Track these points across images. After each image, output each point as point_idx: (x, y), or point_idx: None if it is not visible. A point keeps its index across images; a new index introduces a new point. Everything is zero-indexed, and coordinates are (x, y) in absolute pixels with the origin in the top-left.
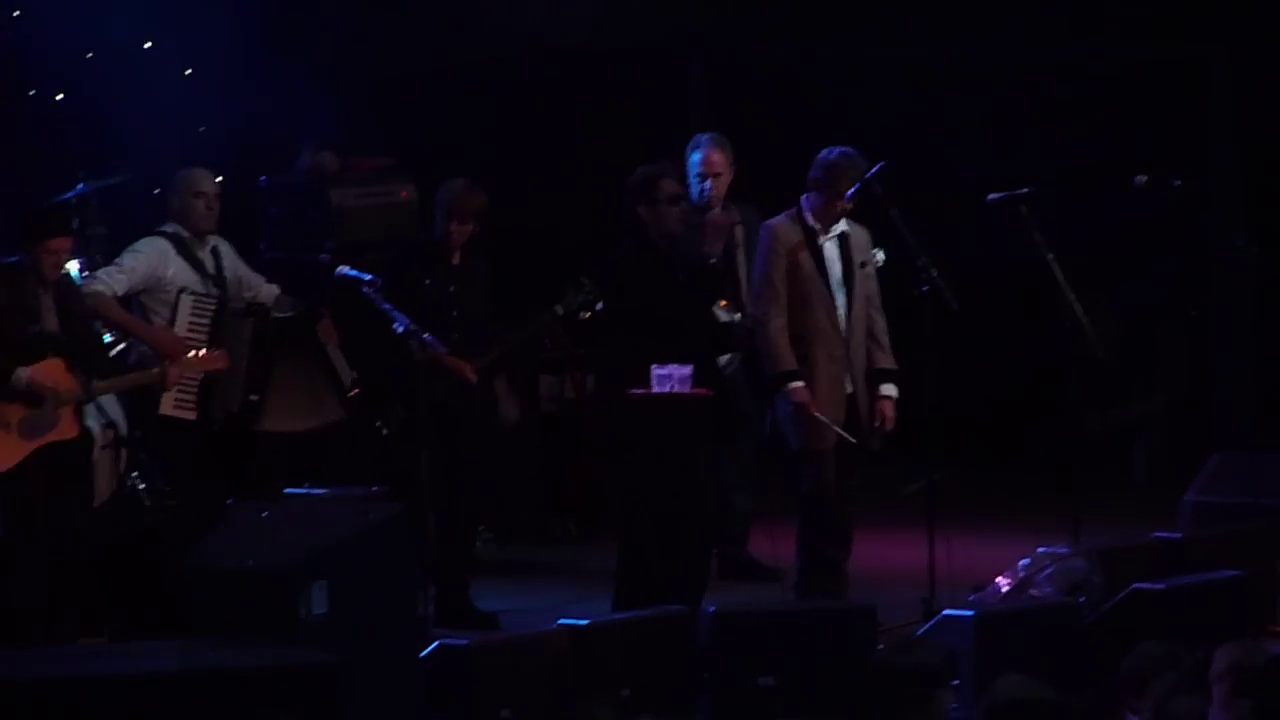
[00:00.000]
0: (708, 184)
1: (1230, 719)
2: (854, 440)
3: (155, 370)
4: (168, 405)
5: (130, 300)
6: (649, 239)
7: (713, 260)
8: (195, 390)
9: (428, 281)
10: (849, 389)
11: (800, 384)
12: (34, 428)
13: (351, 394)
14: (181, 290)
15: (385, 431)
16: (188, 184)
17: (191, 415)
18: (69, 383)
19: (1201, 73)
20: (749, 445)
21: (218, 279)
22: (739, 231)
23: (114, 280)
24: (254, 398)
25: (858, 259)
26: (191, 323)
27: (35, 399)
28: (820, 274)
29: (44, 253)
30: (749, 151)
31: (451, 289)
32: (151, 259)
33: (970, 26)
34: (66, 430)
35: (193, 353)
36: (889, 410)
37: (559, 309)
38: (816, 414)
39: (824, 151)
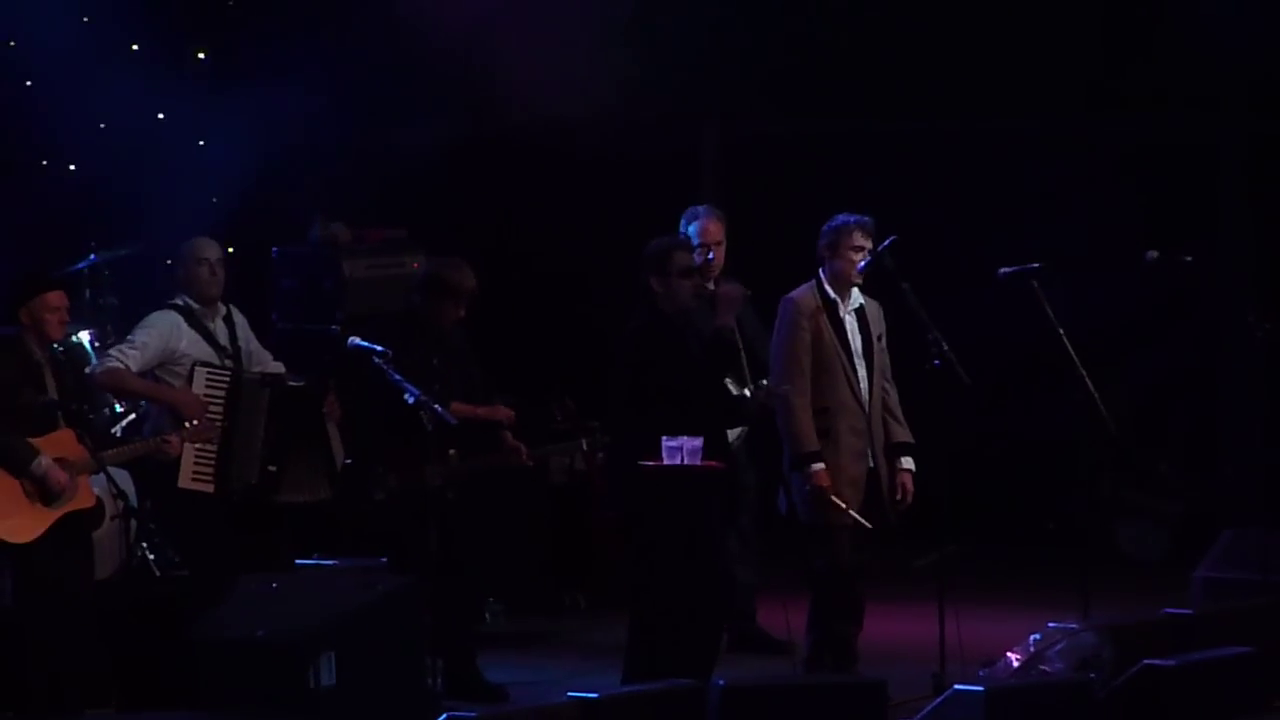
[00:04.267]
0: (710, 254)
1: None
2: (869, 526)
3: (158, 439)
4: (186, 479)
5: (145, 375)
6: (662, 311)
7: (726, 333)
8: (213, 463)
9: (435, 360)
10: (870, 463)
11: (822, 466)
12: (55, 497)
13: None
14: (195, 363)
15: (379, 498)
16: (192, 252)
17: (209, 488)
18: (81, 452)
19: (1213, 150)
20: (749, 517)
21: (231, 350)
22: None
23: (128, 357)
24: (272, 468)
25: (875, 331)
26: (207, 394)
27: (50, 489)
28: (842, 346)
29: (45, 310)
30: (761, 224)
31: (449, 364)
32: (164, 333)
33: (982, 102)
34: (84, 500)
35: (189, 423)
36: (909, 484)
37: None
38: (835, 499)
39: (827, 222)
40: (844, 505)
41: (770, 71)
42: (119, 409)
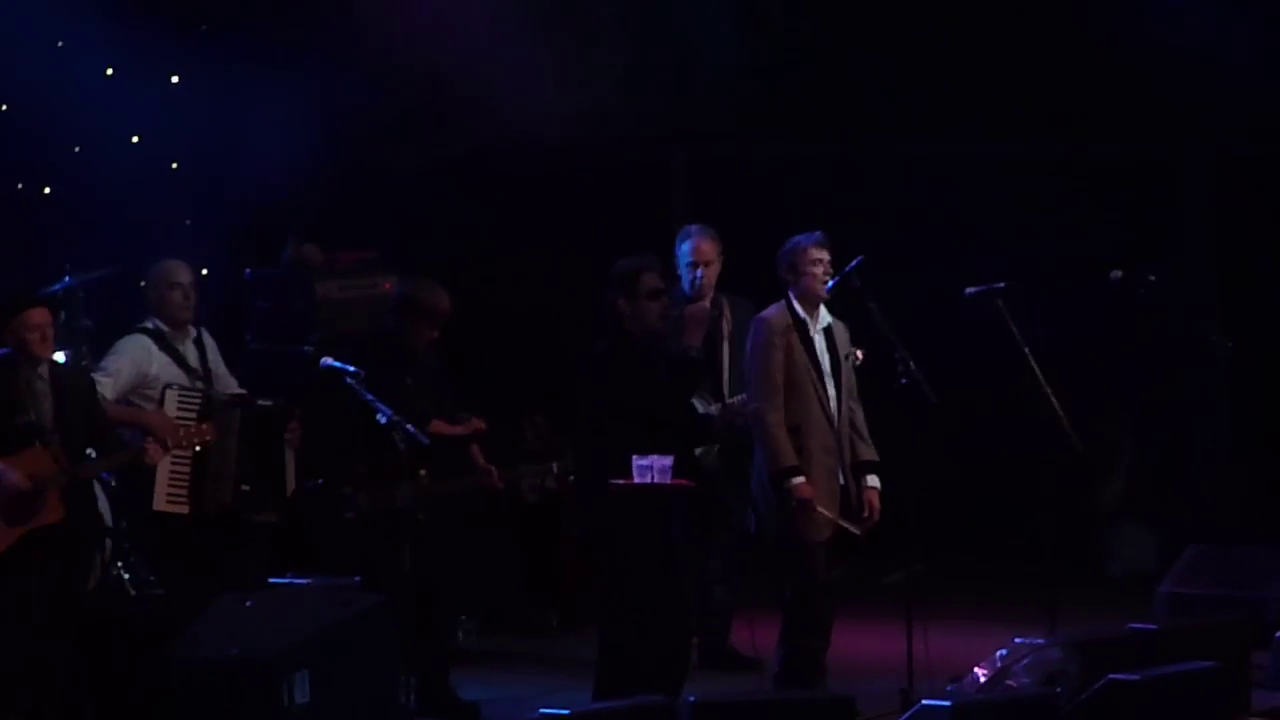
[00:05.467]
0: (699, 272)
1: None
2: (857, 531)
3: (138, 448)
4: (161, 501)
5: (120, 400)
6: (629, 331)
7: (693, 352)
8: (187, 484)
9: (408, 381)
10: (840, 480)
11: (803, 479)
12: (18, 515)
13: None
14: (167, 386)
15: (351, 517)
16: (163, 276)
17: (184, 509)
18: (49, 468)
19: (1176, 174)
20: (732, 536)
21: (202, 372)
22: (725, 324)
23: (103, 385)
24: (245, 488)
25: (842, 352)
26: (179, 416)
27: (21, 495)
28: (813, 364)
29: (26, 329)
30: (727, 245)
31: (422, 384)
32: (135, 357)
33: (946, 124)
34: (51, 515)
35: (181, 430)
36: (875, 501)
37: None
38: (820, 509)
39: (783, 246)
40: (829, 515)
41: (738, 96)
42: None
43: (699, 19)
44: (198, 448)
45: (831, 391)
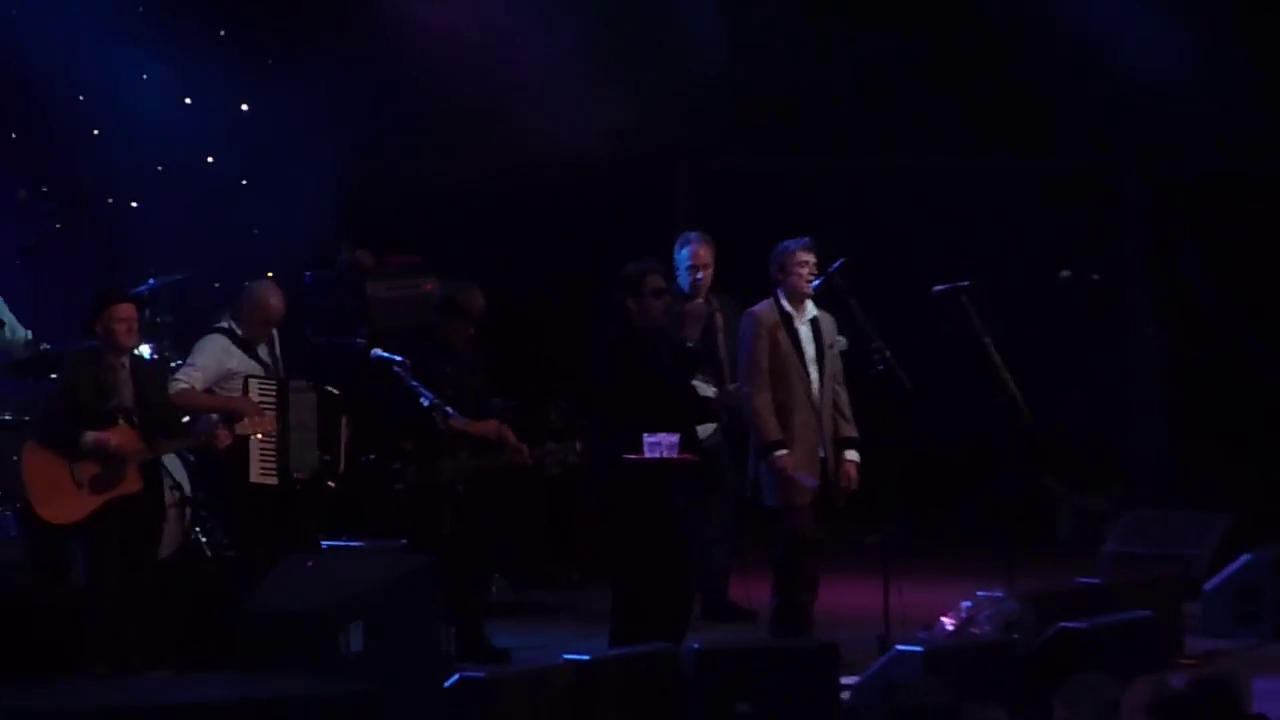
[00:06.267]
0: (699, 275)
1: None
2: (835, 496)
3: (210, 432)
4: (255, 474)
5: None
6: (635, 326)
7: (690, 344)
8: (275, 459)
9: (448, 369)
10: (821, 454)
11: (785, 452)
12: (103, 484)
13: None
14: (248, 376)
15: (399, 489)
16: (264, 299)
17: (274, 480)
18: (134, 443)
19: (1118, 187)
20: (728, 503)
21: (273, 364)
22: (718, 318)
23: (193, 377)
24: (327, 458)
25: (827, 341)
26: (260, 401)
27: (101, 455)
28: (797, 352)
29: (114, 321)
30: (729, 250)
31: (459, 373)
32: (217, 355)
33: (921, 143)
34: (131, 486)
35: (245, 419)
36: (852, 472)
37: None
38: (796, 475)
39: (775, 249)
40: (805, 478)
41: (737, 117)
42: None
43: (699, 56)
44: (259, 436)
45: (815, 376)
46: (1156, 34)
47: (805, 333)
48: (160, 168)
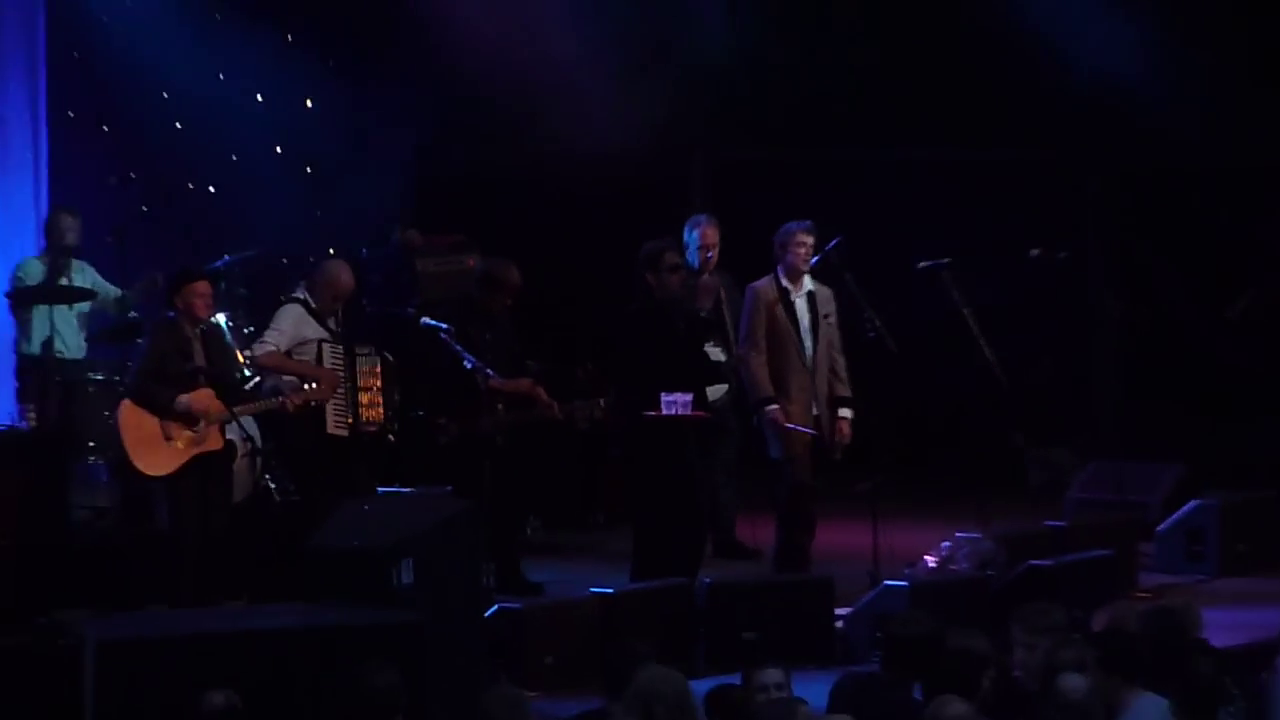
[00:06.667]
0: (709, 254)
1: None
2: (822, 436)
3: (278, 399)
4: (330, 426)
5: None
6: (655, 298)
7: (703, 313)
8: (346, 414)
9: (488, 336)
10: (815, 411)
11: (775, 406)
12: (191, 441)
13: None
14: (321, 341)
15: (445, 442)
16: (336, 275)
17: (345, 433)
18: (217, 406)
19: (1081, 172)
20: (732, 454)
21: (340, 333)
22: (723, 292)
23: (277, 341)
24: (389, 414)
25: (822, 312)
26: (331, 364)
27: (192, 419)
28: (792, 323)
29: (193, 296)
30: (740, 233)
31: (497, 339)
32: (295, 322)
33: (909, 137)
34: (214, 443)
35: (307, 386)
36: (846, 428)
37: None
38: (788, 425)
39: (779, 229)
40: (797, 427)
41: (745, 113)
42: (247, 374)
43: (713, 59)
44: (312, 401)
45: (809, 344)
46: (1115, 36)
47: (801, 305)
48: (234, 157)
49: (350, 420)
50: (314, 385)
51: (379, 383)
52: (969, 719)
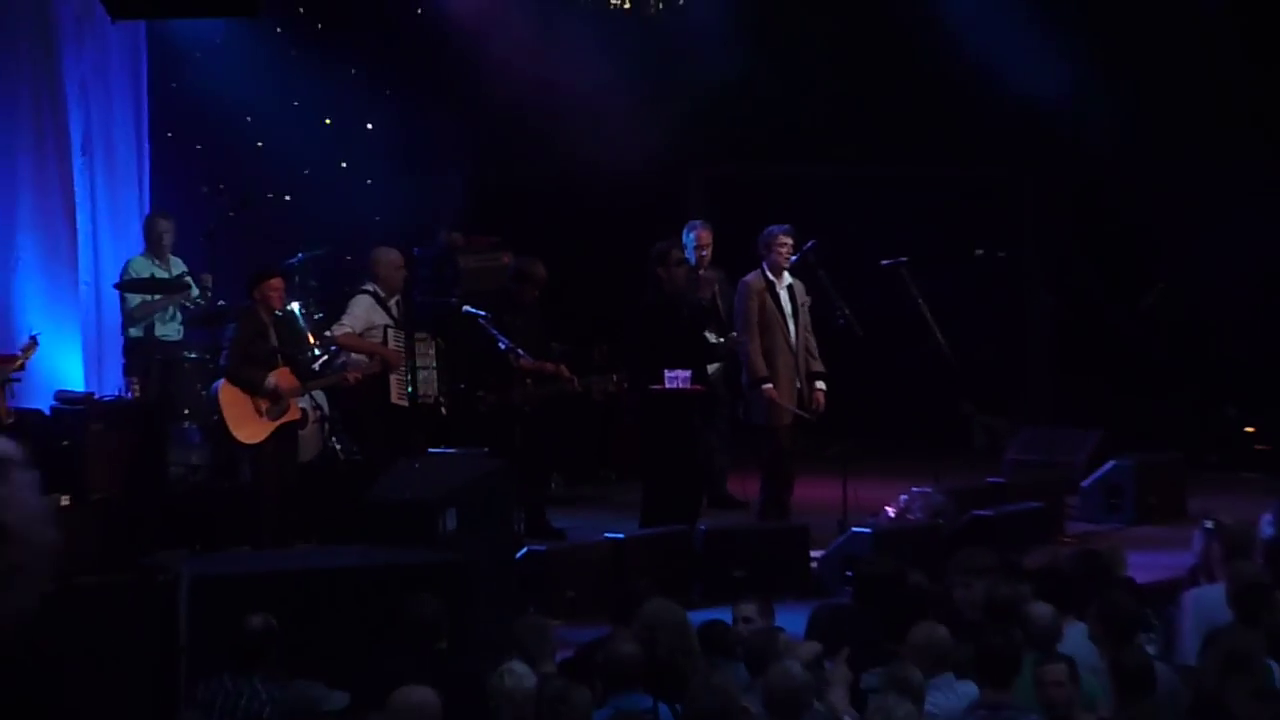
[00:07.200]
0: (704, 252)
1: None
2: (807, 415)
3: (341, 374)
4: (394, 397)
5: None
6: (663, 289)
7: (704, 303)
8: (407, 387)
9: (519, 322)
10: (797, 385)
11: (770, 385)
12: (276, 413)
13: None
14: (386, 327)
15: (482, 410)
16: (394, 260)
17: (405, 403)
18: (294, 383)
19: (1018, 184)
20: (725, 421)
21: (402, 320)
22: (717, 285)
23: (353, 325)
24: (441, 387)
25: (801, 301)
26: (394, 345)
27: (277, 395)
28: (778, 310)
29: (269, 290)
30: (733, 238)
31: (527, 325)
32: (366, 309)
33: (872, 156)
34: (293, 414)
35: (367, 362)
36: (821, 399)
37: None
38: (781, 403)
39: (763, 231)
40: (789, 408)
41: (734, 136)
42: (317, 353)
43: (707, 91)
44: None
45: (792, 328)
46: (1044, 69)
47: (784, 295)
48: (306, 171)
49: (409, 392)
50: (371, 360)
51: (433, 362)
52: (947, 641)
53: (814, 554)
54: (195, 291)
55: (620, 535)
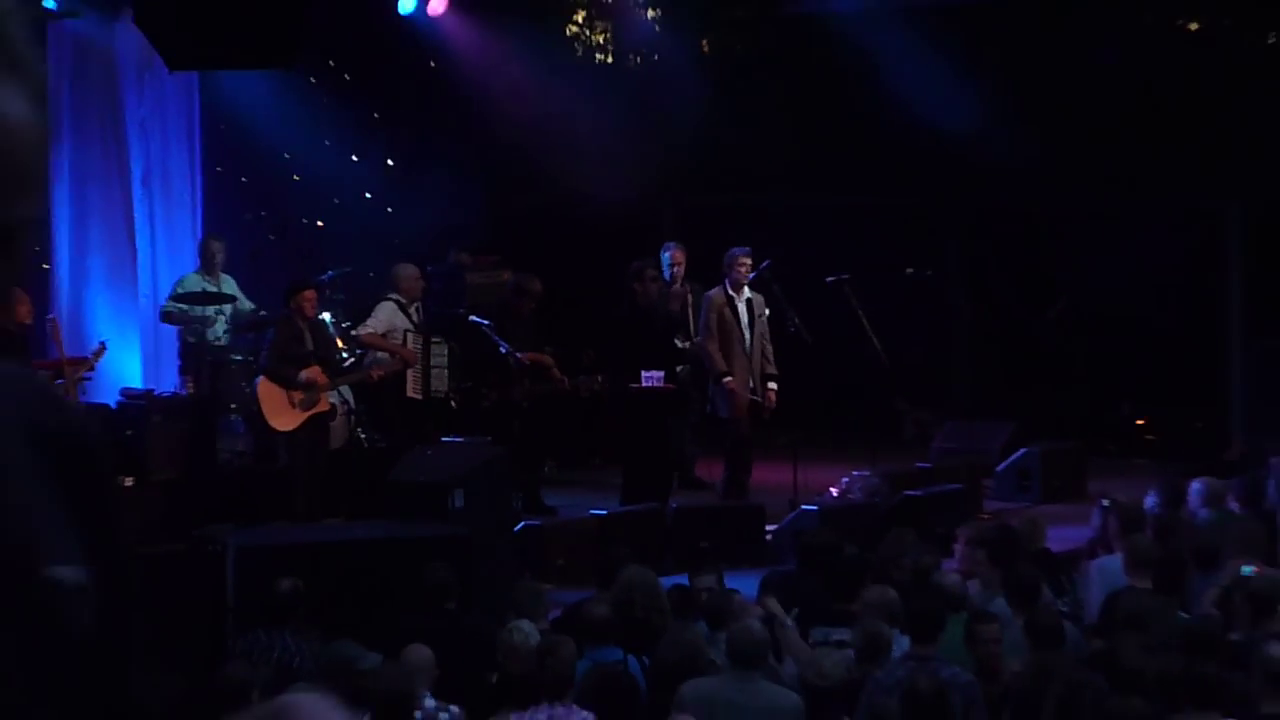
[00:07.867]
0: (678, 269)
1: (968, 565)
2: (762, 400)
3: (365, 371)
4: (410, 391)
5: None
6: (638, 302)
7: (674, 314)
8: (423, 383)
9: (518, 330)
10: (751, 385)
11: (731, 378)
12: (307, 404)
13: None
14: (406, 330)
15: (485, 406)
16: (413, 273)
17: (420, 397)
18: (324, 378)
19: (944, 211)
20: (695, 415)
21: (420, 324)
22: (689, 298)
23: (376, 327)
24: (452, 385)
25: (758, 312)
26: (412, 347)
27: (309, 388)
28: (736, 320)
29: (303, 300)
30: (703, 258)
31: (525, 333)
32: (390, 314)
33: (818, 187)
34: (323, 406)
35: (389, 359)
36: (773, 397)
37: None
38: (741, 392)
39: (727, 253)
40: (746, 399)
41: (704, 170)
42: (344, 354)
43: (680, 128)
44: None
45: (748, 336)
46: (964, 107)
47: (742, 308)
48: (336, 200)
49: (423, 388)
50: (392, 359)
51: (445, 362)
52: (897, 601)
53: (769, 528)
54: (248, 306)
55: (604, 512)
